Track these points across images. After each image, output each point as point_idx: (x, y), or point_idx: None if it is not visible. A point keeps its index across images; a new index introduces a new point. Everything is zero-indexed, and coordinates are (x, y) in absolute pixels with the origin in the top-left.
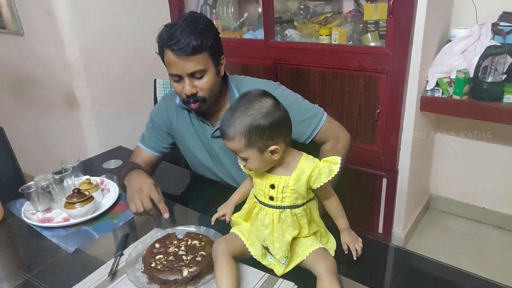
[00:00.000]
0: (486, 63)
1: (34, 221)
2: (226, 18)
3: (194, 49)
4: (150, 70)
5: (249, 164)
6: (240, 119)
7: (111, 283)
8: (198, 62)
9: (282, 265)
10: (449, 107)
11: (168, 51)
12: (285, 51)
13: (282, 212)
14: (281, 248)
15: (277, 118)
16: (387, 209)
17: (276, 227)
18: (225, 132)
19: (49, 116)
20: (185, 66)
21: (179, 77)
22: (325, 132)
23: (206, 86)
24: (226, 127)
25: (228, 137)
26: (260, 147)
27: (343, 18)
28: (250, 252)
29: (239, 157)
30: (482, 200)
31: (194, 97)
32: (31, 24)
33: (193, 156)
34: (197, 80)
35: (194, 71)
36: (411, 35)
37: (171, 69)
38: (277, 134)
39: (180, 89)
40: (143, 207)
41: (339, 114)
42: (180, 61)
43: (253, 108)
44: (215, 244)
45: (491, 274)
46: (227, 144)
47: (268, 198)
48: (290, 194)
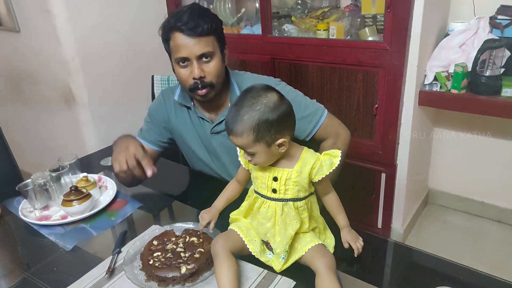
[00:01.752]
0: (484, 56)
1: (32, 219)
2: (224, 13)
3: (204, 31)
4: (147, 66)
5: (255, 159)
6: (249, 114)
7: (109, 280)
8: (207, 44)
9: (282, 259)
10: (447, 101)
11: (177, 33)
12: (282, 46)
13: (285, 205)
14: (282, 242)
15: (283, 111)
16: (386, 204)
17: (278, 220)
18: (233, 128)
19: (46, 113)
20: (194, 47)
21: (186, 61)
22: (325, 129)
23: (214, 70)
24: (233, 123)
25: (236, 133)
26: (268, 141)
27: (340, 13)
28: (249, 249)
29: (245, 152)
30: (481, 194)
31: (202, 82)
32: (28, 21)
33: (191, 152)
34: (205, 64)
35: (204, 53)
36: (409, 29)
37: (179, 52)
38: (284, 127)
39: (187, 74)
40: (127, 165)
41: (338, 109)
42: (190, 42)
43: (260, 102)
44: (214, 240)
45: (490, 268)
46: (234, 140)
47: (270, 191)
48: (292, 187)
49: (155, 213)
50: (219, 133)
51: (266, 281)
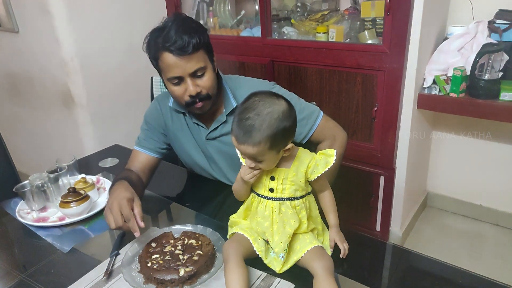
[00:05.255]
0: (483, 60)
1: (29, 221)
2: (223, 15)
3: (194, 47)
4: (146, 68)
5: (263, 165)
6: (267, 123)
7: (107, 283)
8: (199, 60)
9: (281, 258)
10: (446, 104)
11: (166, 53)
12: (282, 48)
13: (282, 204)
14: (280, 240)
15: (294, 117)
16: (384, 207)
17: (276, 218)
18: (249, 137)
19: (45, 114)
20: (186, 66)
21: (179, 80)
22: (322, 131)
23: (208, 83)
24: (250, 132)
25: (253, 142)
26: (280, 148)
27: (340, 16)
28: (254, 248)
29: (251, 160)
30: (479, 198)
31: (199, 96)
32: (27, 22)
33: (189, 158)
34: (198, 79)
35: (196, 70)
36: (408, 33)
37: (171, 72)
38: (294, 132)
39: (181, 92)
40: (121, 219)
41: (337, 112)
42: (180, 61)
43: (277, 111)
44: (226, 244)
45: (488, 272)
46: (247, 149)
47: (268, 191)
48: (289, 186)
49: (153, 215)
50: (214, 139)
51: (266, 284)
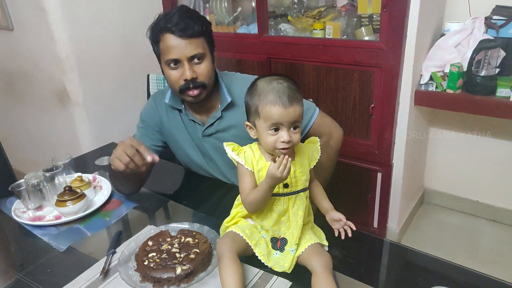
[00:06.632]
0: (480, 57)
1: (25, 220)
2: (220, 12)
3: (195, 32)
4: (143, 65)
5: (297, 135)
6: (297, 90)
7: (104, 281)
8: (198, 45)
9: (291, 252)
10: (443, 101)
11: (168, 34)
12: (279, 45)
13: (297, 197)
14: (295, 234)
15: None
16: (382, 203)
17: (290, 213)
18: (295, 96)
19: (40, 112)
20: (185, 49)
21: (177, 63)
22: (318, 128)
23: (205, 71)
24: (293, 91)
25: (299, 98)
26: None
27: (337, 12)
28: (255, 253)
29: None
30: (475, 194)
31: (194, 83)
32: (21, 19)
33: (185, 155)
34: (196, 66)
35: (195, 54)
36: (405, 29)
37: (170, 54)
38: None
39: (177, 77)
40: (127, 156)
41: (334, 108)
42: (181, 43)
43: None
44: (220, 241)
45: (485, 268)
46: (295, 111)
47: (282, 187)
48: (300, 176)
49: (150, 213)
50: (210, 136)
51: (262, 282)
